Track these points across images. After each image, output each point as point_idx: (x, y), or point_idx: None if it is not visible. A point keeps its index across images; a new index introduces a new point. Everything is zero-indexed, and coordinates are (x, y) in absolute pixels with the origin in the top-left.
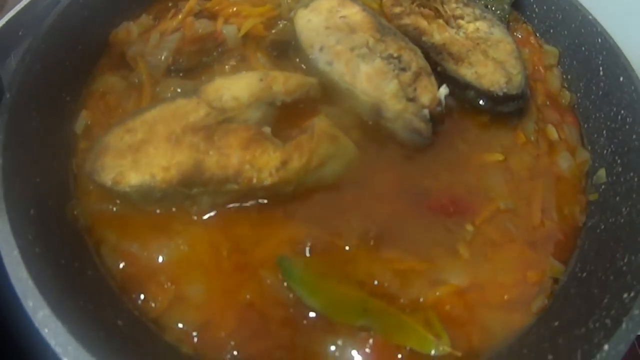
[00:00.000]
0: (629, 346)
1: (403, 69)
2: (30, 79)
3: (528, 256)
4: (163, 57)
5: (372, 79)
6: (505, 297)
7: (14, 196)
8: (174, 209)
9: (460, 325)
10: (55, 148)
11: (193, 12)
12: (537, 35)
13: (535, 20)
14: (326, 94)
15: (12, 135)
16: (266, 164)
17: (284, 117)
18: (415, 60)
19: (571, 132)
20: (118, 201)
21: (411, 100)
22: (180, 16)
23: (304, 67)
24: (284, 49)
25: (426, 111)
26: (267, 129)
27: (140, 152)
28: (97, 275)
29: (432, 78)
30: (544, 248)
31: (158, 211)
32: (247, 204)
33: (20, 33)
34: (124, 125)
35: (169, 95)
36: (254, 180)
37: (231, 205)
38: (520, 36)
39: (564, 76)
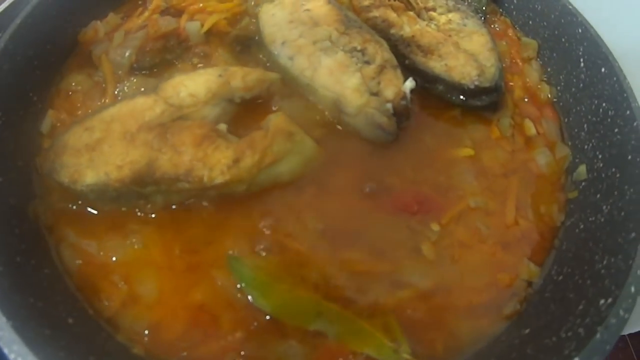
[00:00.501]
0: (603, 358)
1: (367, 62)
2: None
3: (500, 258)
4: (127, 55)
5: (333, 72)
6: (474, 301)
7: None
8: (127, 208)
9: (423, 330)
10: (20, 147)
11: (159, 10)
12: (516, 27)
13: (514, 12)
14: (288, 90)
15: None
16: (218, 161)
17: (244, 114)
18: (380, 53)
19: (550, 127)
20: (80, 201)
21: (374, 94)
22: (146, 14)
23: (268, 62)
24: (248, 45)
25: (389, 105)
26: (223, 126)
27: (96, 151)
28: (54, 274)
29: (398, 71)
30: (518, 249)
31: (115, 210)
32: (201, 203)
33: None
34: (83, 123)
35: (131, 93)
36: (205, 179)
37: (186, 203)
38: (497, 29)
39: (544, 69)
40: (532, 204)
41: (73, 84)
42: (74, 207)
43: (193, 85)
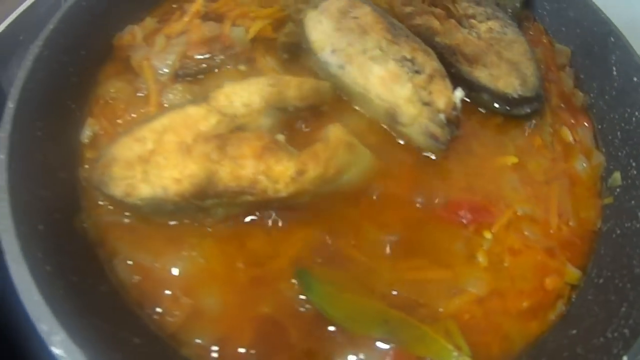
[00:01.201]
0: None
1: (417, 72)
2: (33, 87)
3: (546, 262)
4: (170, 62)
5: (385, 82)
6: (525, 304)
7: (21, 211)
8: (186, 221)
9: (480, 334)
10: (61, 158)
11: (199, 14)
12: (549, 33)
13: (547, 19)
14: (339, 99)
15: (17, 148)
16: (281, 174)
17: (297, 124)
18: (429, 62)
19: (585, 134)
20: (128, 213)
21: (426, 104)
22: (186, 18)
23: (317, 71)
24: (295, 52)
25: (442, 116)
26: (281, 137)
27: (150, 163)
28: (111, 291)
29: (447, 81)
30: (561, 254)
31: (171, 223)
32: (262, 215)
33: (21, 37)
34: (132, 134)
35: (177, 101)
36: (269, 192)
37: (247, 218)
38: (531, 34)
39: (577, 76)
40: (572, 210)
41: (112, 90)
42: (125, 220)
43: (246, 94)
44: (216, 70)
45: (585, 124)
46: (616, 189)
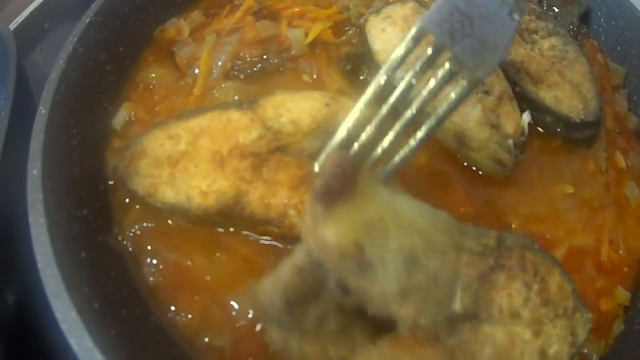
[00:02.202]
0: None
1: (486, 92)
2: (67, 89)
3: (597, 286)
4: (220, 62)
5: None
6: None
7: (62, 237)
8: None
9: None
10: (99, 169)
11: (252, 11)
12: (604, 52)
13: (602, 36)
14: None
15: (52, 160)
16: None
17: None
18: (497, 82)
19: (637, 159)
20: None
21: (495, 127)
22: (237, 14)
23: None
24: (358, 64)
25: (511, 141)
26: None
27: (179, 167)
28: (160, 322)
29: (515, 103)
30: (610, 280)
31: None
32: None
33: (46, 25)
34: (167, 129)
35: (224, 98)
36: (296, 229)
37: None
38: (586, 52)
39: (630, 98)
40: (623, 238)
41: (153, 75)
42: (154, 224)
43: (296, 110)
44: (274, 71)
45: (637, 148)
46: None
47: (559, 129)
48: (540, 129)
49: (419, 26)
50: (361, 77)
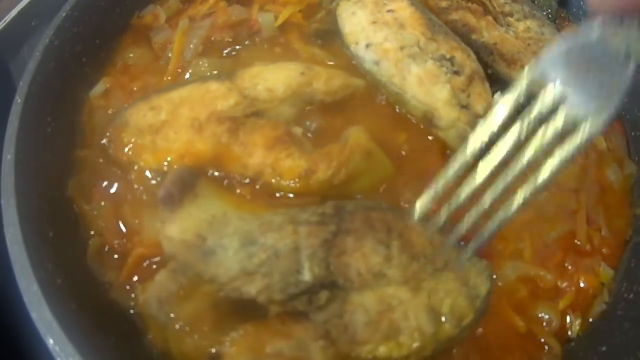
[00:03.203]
0: None
1: (456, 72)
2: (43, 79)
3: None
4: (192, 45)
5: (423, 82)
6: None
7: (30, 218)
8: None
9: None
10: (67, 156)
11: None
12: None
13: (582, 19)
14: (373, 95)
15: (25, 147)
16: (289, 170)
17: (322, 117)
18: (468, 62)
19: (619, 141)
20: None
21: (464, 107)
22: (211, 0)
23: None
24: (330, 39)
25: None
26: (298, 130)
27: (160, 135)
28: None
29: (486, 83)
30: (592, 259)
31: None
32: None
33: (32, 23)
34: (149, 101)
35: (203, 74)
36: (272, 185)
37: None
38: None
39: None
40: (604, 218)
41: (131, 55)
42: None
43: (272, 79)
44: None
45: (619, 130)
46: None
47: None
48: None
49: (537, 70)
50: (338, 42)
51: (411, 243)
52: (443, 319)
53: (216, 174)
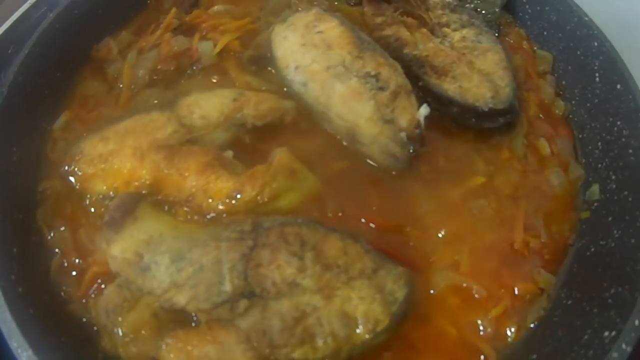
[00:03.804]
0: None
1: (381, 88)
2: (8, 111)
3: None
4: (140, 76)
5: (347, 101)
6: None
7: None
8: None
9: None
10: (35, 175)
11: (172, 27)
12: (530, 39)
13: (528, 22)
14: (307, 116)
15: None
16: (217, 192)
17: (254, 141)
18: (394, 78)
19: (564, 145)
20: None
21: (388, 122)
22: (158, 32)
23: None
24: (263, 65)
25: (404, 134)
26: (229, 153)
27: (107, 163)
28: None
29: (412, 97)
30: (529, 266)
31: None
32: None
33: (9, 51)
34: (100, 133)
35: (146, 104)
36: (204, 207)
37: None
38: (512, 41)
39: (559, 83)
40: (544, 224)
41: (88, 88)
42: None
43: (207, 106)
44: (190, 77)
45: (565, 134)
46: (594, 203)
47: (467, 120)
48: (452, 123)
49: None
50: (269, 68)
51: (325, 254)
52: (356, 324)
53: (157, 198)
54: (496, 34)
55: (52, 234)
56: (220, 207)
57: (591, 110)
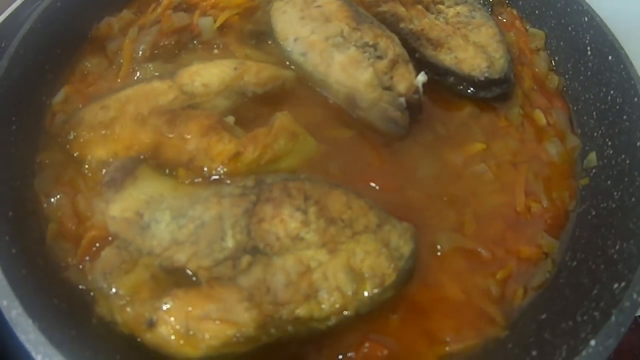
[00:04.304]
0: (619, 340)
1: (379, 57)
2: (8, 84)
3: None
4: (140, 51)
5: (346, 68)
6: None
7: None
8: None
9: None
10: (33, 149)
11: (172, 5)
12: (523, 18)
13: (520, 2)
14: (305, 86)
15: None
16: (219, 153)
17: (258, 108)
18: (392, 47)
19: (560, 117)
20: None
21: (387, 88)
22: (159, 9)
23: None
24: (264, 38)
25: (402, 99)
26: (231, 119)
27: (108, 130)
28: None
29: (410, 65)
30: (533, 229)
31: None
32: None
33: (2, 45)
34: (100, 101)
35: (149, 77)
36: (205, 169)
37: None
38: (505, 20)
39: (552, 59)
40: (544, 190)
41: (88, 65)
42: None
43: (208, 75)
44: (192, 51)
45: (560, 106)
46: (592, 170)
47: (463, 89)
48: (449, 92)
49: None
50: (269, 42)
51: (329, 209)
52: (362, 278)
53: (159, 161)
54: (489, 12)
55: (49, 202)
56: (222, 168)
57: (584, 82)
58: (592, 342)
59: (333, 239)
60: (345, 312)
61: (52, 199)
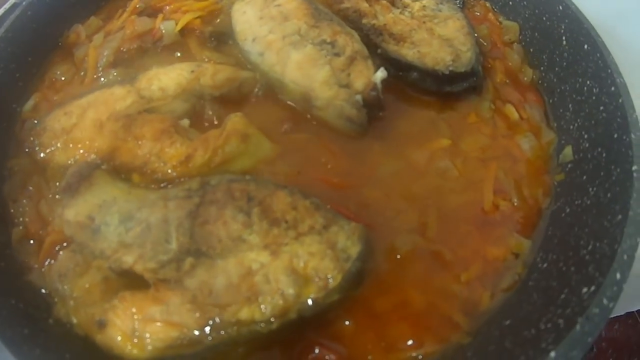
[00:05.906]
0: (585, 351)
1: (337, 54)
2: None
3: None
4: (105, 57)
5: (302, 66)
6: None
7: None
8: None
9: None
10: (1, 155)
11: (137, 11)
12: (496, 10)
13: None
14: (261, 86)
15: None
16: (171, 157)
17: (216, 110)
18: (350, 44)
19: (534, 111)
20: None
21: (344, 86)
22: (124, 15)
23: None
24: (224, 40)
25: (359, 97)
26: (186, 122)
27: (70, 136)
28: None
29: (369, 62)
30: (501, 229)
31: None
32: None
33: None
34: (63, 108)
35: (111, 82)
36: (158, 172)
37: None
38: (478, 14)
39: (526, 51)
40: (515, 187)
41: (57, 72)
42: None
43: (165, 79)
44: (153, 56)
45: (534, 100)
46: (568, 165)
47: (428, 84)
48: (413, 88)
49: None
50: (230, 42)
51: (272, 209)
52: (305, 281)
53: (114, 165)
54: (459, 6)
55: (15, 207)
56: (173, 171)
57: (560, 73)
58: (552, 354)
59: (276, 241)
60: (288, 315)
61: (18, 205)
